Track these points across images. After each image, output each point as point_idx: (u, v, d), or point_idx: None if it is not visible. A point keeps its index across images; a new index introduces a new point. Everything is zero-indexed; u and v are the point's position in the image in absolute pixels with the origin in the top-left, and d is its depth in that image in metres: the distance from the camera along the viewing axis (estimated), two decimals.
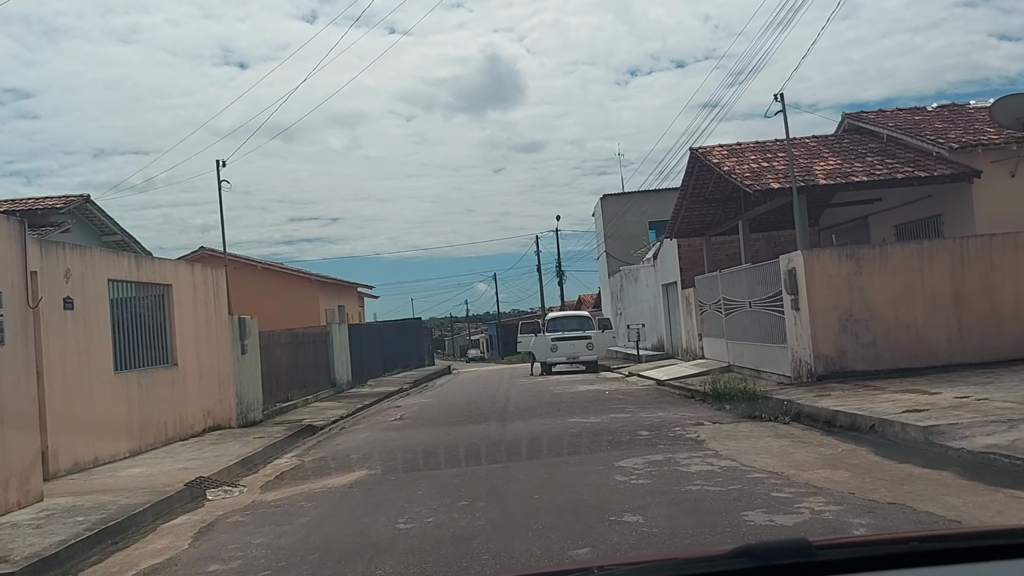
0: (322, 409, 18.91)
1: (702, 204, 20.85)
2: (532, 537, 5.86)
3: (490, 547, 5.70)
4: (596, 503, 6.78)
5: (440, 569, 5.33)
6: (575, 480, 7.82)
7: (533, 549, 5.55)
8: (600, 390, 18.65)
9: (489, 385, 24.59)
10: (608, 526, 6.03)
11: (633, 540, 5.60)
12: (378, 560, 5.63)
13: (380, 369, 30.52)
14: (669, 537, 5.62)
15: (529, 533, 5.97)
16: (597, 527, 6.02)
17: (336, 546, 6.18)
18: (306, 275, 30.60)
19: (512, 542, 5.78)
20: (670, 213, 39.43)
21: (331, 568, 5.64)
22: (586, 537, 5.76)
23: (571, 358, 27.17)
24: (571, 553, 5.39)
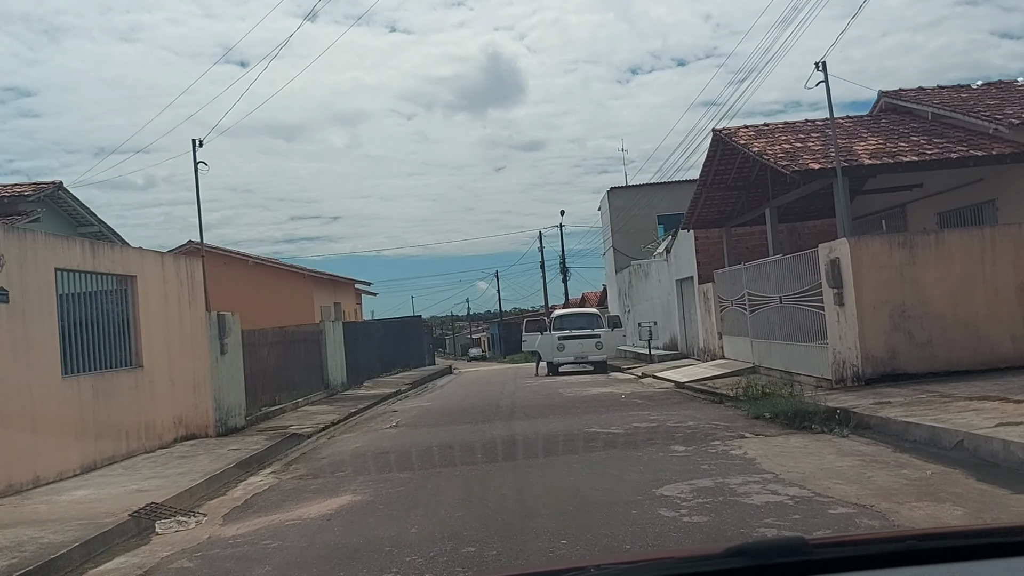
0: (312, 414, 17.26)
1: (723, 192, 19.18)
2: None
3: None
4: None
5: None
6: (609, 517, 6.16)
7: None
8: (614, 393, 16.99)
9: (493, 386, 22.94)
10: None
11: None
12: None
13: (378, 369, 28.86)
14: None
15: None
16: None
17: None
18: (300, 271, 28.95)
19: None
20: (680, 207, 37.77)
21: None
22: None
23: (579, 358, 25.50)
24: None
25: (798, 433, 9.85)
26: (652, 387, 18.09)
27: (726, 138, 16.79)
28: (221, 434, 13.87)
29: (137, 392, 11.61)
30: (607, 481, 7.51)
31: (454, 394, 21.37)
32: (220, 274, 28.48)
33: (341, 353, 23.47)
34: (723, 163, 17.99)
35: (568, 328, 25.90)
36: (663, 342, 26.49)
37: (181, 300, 13.33)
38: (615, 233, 37.34)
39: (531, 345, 26.69)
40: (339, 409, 18.02)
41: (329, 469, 10.02)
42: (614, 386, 18.99)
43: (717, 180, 18.69)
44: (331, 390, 21.82)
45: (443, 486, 8.07)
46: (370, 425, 14.95)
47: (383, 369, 29.53)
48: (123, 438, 11.08)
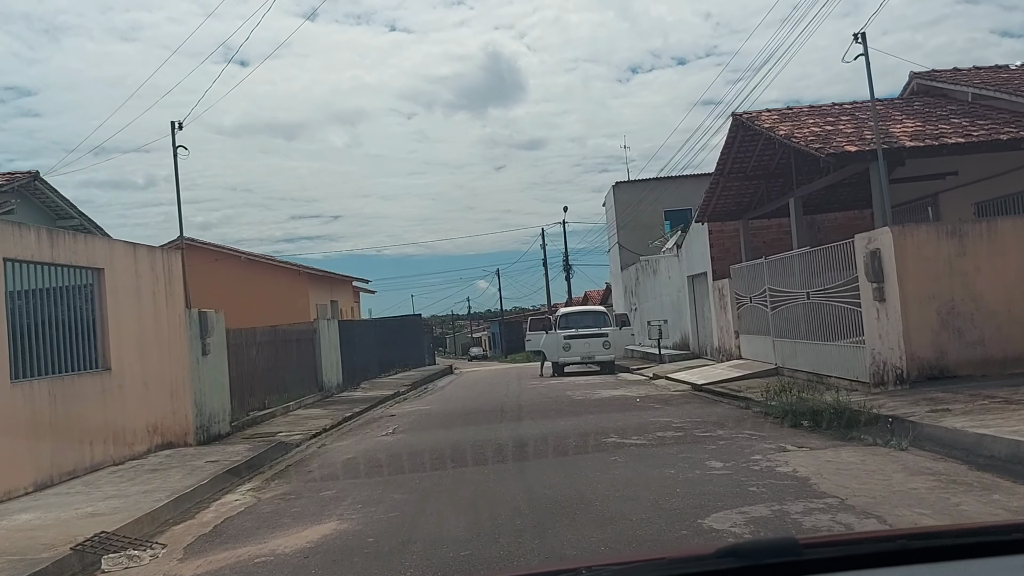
0: (304, 419, 16.05)
1: (741, 182, 17.95)
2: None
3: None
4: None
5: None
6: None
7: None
8: (628, 396, 15.77)
9: (496, 388, 21.73)
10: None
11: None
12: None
13: (376, 369, 27.65)
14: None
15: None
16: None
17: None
18: (295, 268, 27.74)
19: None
20: (687, 201, 36.64)
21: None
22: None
23: (585, 358, 24.29)
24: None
25: (847, 445, 8.64)
26: (667, 389, 16.86)
27: (747, 122, 15.57)
28: (202, 442, 12.67)
29: (104, 397, 10.39)
30: (641, 508, 6.28)
31: (455, 396, 20.16)
32: (212, 271, 27.29)
33: (336, 353, 22.26)
34: (742, 150, 16.77)
35: (574, 327, 24.69)
36: (673, 341, 25.27)
37: (157, 296, 12.11)
38: (620, 229, 36.13)
39: (535, 344, 25.48)
40: (333, 413, 16.81)
41: (316, 485, 8.80)
42: (625, 388, 17.77)
43: (735, 169, 17.47)
44: (326, 392, 20.61)
45: (444, 511, 6.85)
46: (365, 431, 13.73)
47: (381, 369, 28.33)
48: (86, 449, 9.86)
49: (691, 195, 35.79)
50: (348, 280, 33.32)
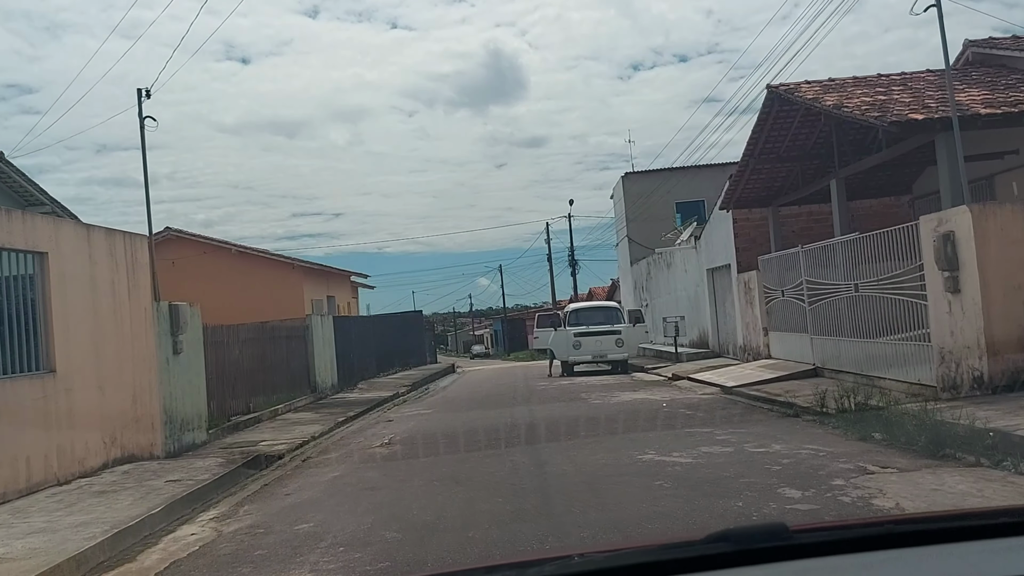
0: (292, 424, 14.42)
1: (773, 164, 16.29)
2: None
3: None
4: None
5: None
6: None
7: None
8: (651, 400, 14.13)
9: (502, 388, 20.10)
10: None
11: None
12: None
13: (374, 369, 26.02)
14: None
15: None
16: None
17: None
18: (288, 261, 26.08)
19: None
20: (700, 193, 34.93)
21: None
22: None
23: (597, 357, 22.63)
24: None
25: (943, 465, 7.00)
26: (693, 392, 15.20)
27: (785, 95, 13.91)
28: (172, 453, 11.04)
29: (45, 404, 8.75)
30: None
31: (458, 398, 18.52)
32: (200, 265, 25.68)
33: (331, 351, 20.62)
34: (776, 127, 15.11)
35: (585, 323, 23.03)
36: (690, 339, 23.61)
37: (117, 287, 10.46)
38: (630, 222, 34.47)
39: (543, 342, 23.84)
40: (325, 418, 15.17)
41: (291, 514, 7.16)
42: (646, 390, 16.12)
43: (767, 150, 15.80)
44: (319, 394, 18.96)
45: (447, 546, 5.23)
46: (358, 441, 12.09)
47: (380, 369, 26.69)
48: (20, 467, 8.22)
49: (703, 186, 34.17)
50: (346, 275, 31.68)
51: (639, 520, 5.77)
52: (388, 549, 5.61)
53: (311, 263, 26.66)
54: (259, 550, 6.02)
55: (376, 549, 5.62)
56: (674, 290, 25.97)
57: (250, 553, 5.96)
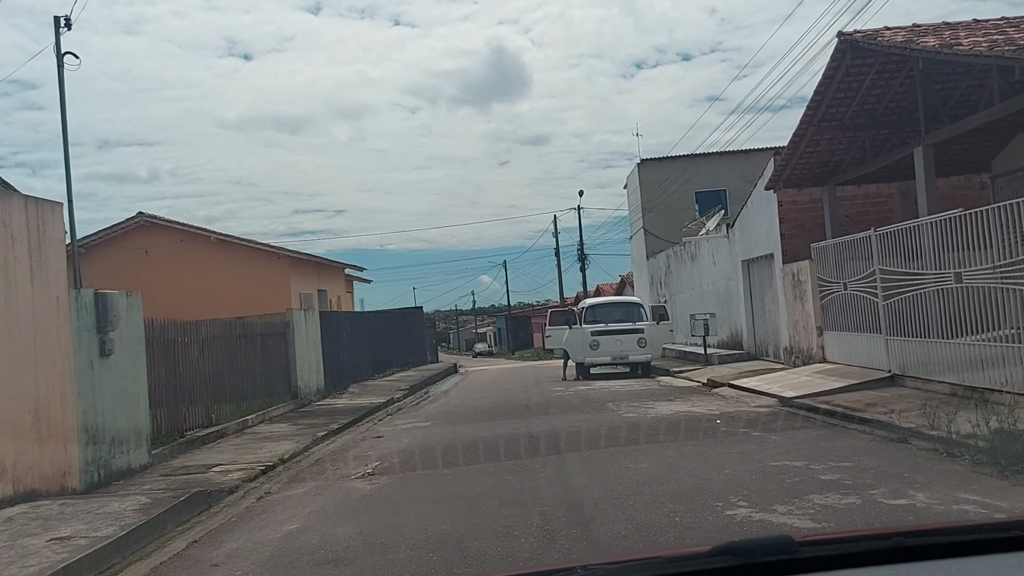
0: (261, 440, 11.86)
1: (835, 133, 13.68)
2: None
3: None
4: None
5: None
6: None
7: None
8: (697, 414, 11.53)
9: (511, 393, 17.55)
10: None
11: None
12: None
13: (368, 370, 23.44)
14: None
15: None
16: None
17: None
18: (275, 250, 23.47)
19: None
20: (720, 182, 32.36)
21: None
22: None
23: (617, 358, 20.05)
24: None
25: None
26: (743, 404, 12.58)
27: (863, 43, 11.30)
28: (96, 484, 8.50)
29: None
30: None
31: (461, 406, 15.94)
32: (175, 254, 23.12)
33: (317, 351, 18.03)
34: (844, 87, 12.50)
35: (603, 321, 20.44)
36: (719, 339, 21.03)
37: (12, 269, 7.88)
38: (646, 212, 31.86)
39: (556, 341, 21.27)
40: (302, 432, 12.62)
41: None
42: (683, 400, 13.51)
43: (829, 116, 13.20)
44: (301, 400, 16.38)
45: None
46: (335, 468, 9.51)
47: (375, 370, 24.11)
48: None
49: (725, 174, 31.60)
50: (339, 267, 29.07)
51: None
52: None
53: (299, 253, 24.08)
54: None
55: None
56: (699, 284, 23.36)
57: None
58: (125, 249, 23.08)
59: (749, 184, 32.30)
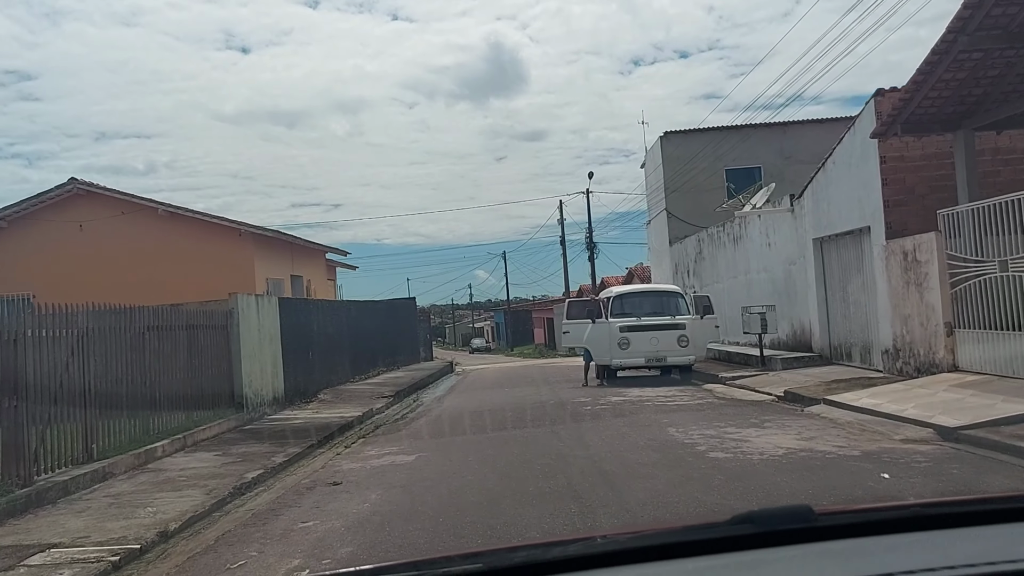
0: (156, 489, 7.72)
1: (995, 46, 9.54)
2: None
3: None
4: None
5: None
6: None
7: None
8: (824, 455, 7.36)
9: (523, 403, 13.48)
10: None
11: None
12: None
13: (348, 370, 19.30)
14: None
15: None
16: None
17: None
18: (233, 225, 19.22)
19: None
20: (753, 158, 28.26)
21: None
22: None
23: (652, 359, 15.96)
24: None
25: None
26: (877, 434, 8.38)
27: None
28: None
29: None
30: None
31: (460, 422, 11.78)
32: (116, 229, 18.93)
33: (274, 349, 13.87)
34: None
35: (634, 313, 16.33)
36: (776, 337, 16.89)
37: None
38: (670, 193, 27.71)
39: (576, 338, 17.12)
40: (228, 468, 8.51)
41: None
42: (778, 426, 9.35)
43: (994, 19, 9.07)
44: (249, 413, 12.23)
45: None
46: (252, 545, 5.38)
47: (356, 370, 19.97)
48: None
49: (759, 150, 27.41)
50: (319, 251, 24.83)
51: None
52: None
53: (266, 230, 19.82)
54: None
55: None
56: (745, 271, 19.22)
57: None
58: (55, 223, 18.88)
59: (787, 161, 28.27)
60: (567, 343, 18.04)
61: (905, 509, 1.60)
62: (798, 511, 1.47)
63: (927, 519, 1.50)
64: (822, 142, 27.42)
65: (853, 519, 1.53)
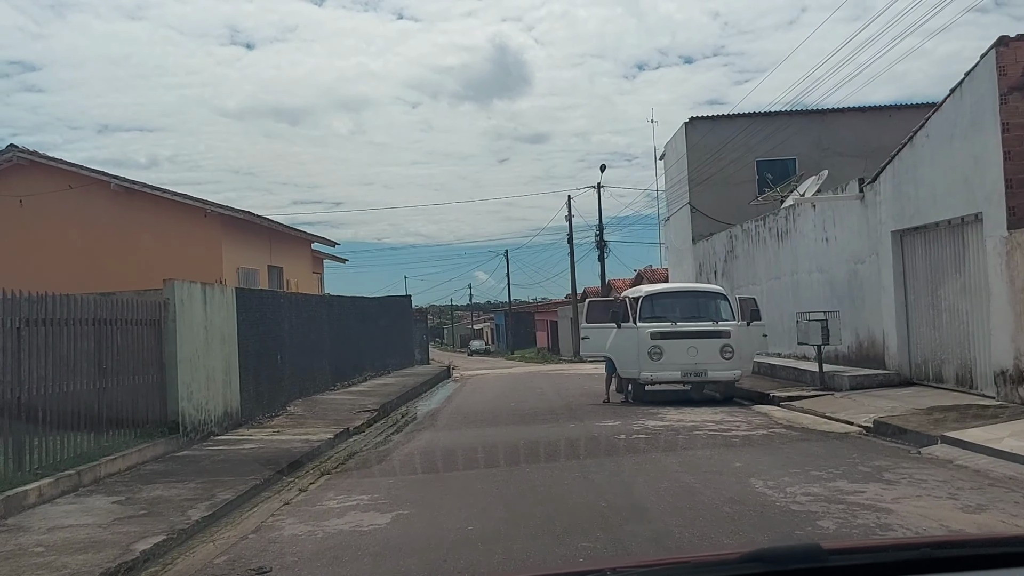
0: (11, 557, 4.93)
1: None
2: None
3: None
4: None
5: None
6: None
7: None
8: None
9: (535, 424, 10.82)
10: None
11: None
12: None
13: (328, 377, 16.55)
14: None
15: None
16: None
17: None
18: (197, 204, 16.40)
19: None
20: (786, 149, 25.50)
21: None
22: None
23: (690, 374, 13.19)
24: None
25: None
26: None
27: None
28: None
29: None
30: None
31: (457, 452, 8.99)
32: (63, 205, 16.17)
33: (228, 351, 11.07)
34: None
35: (668, 317, 13.58)
36: (835, 349, 14.11)
37: None
38: (694, 186, 24.97)
39: (597, 346, 14.34)
40: (115, 533, 5.74)
41: None
42: (915, 485, 6.50)
43: None
44: (187, 435, 9.44)
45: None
46: None
47: (338, 376, 17.21)
48: None
49: (793, 140, 24.65)
50: (303, 239, 22.03)
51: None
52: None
53: (236, 211, 17.02)
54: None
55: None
56: (794, 271, 16.45)
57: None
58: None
59: (824, 153, 25.45)
60: (586, 351, 15.20)
61: (915, 549, 1.53)
62: (809, 550, 1.45)
63: (939, 562, 1.45)
64: (865, 133, 24.73)
65: (864, 559, 1.50)
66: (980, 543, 1.68)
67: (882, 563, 1.47)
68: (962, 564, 1.46)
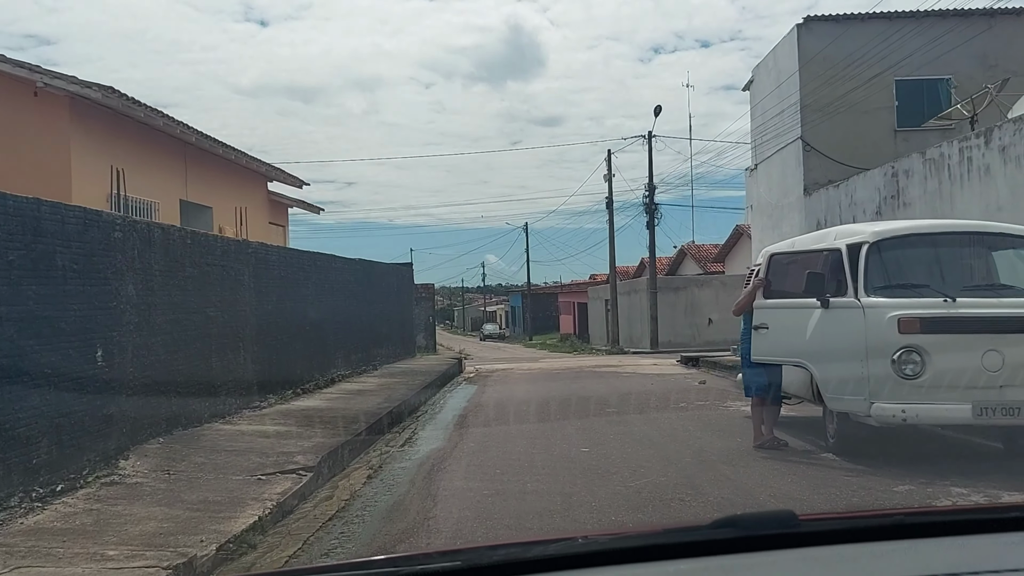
0: None
1: None
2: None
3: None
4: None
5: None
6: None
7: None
8: None
9: None
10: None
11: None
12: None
13: (269, 379, 9.33)
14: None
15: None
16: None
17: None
18: (25, 73, 9.20)
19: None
20: (943, 67, 16.76)
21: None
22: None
23: (995, 409, 5.86)
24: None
25: None
26: None
27: None
28: None
29: None
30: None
31: None
32: None
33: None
34: None
35: (933, 285, 6.28)
36: None
37: None
38: (809, 113, 17.59)
39: (779, 343, 6.91)
40: None
41: None
42: None
43: None
44: None
45: None
46: None
47: (286, 376, 9.99)
48: None
49: (949, 54, 17.26)
50: (255, 174, 14.79)
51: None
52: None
53: (111, 93, 9.68)
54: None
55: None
56: None
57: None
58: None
59: (991, 70, 18.05)
60: (759, 354, 7.15)
61: (888, 517, 1.51)
62: (781, 516, 1.43)
63: (911, 527, 1.45)
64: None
65: (836, 525, 1.51)
66: (952, 512, 1.77)
67: (853, 528, 1.45)
68: (934, 530, 1.42)
